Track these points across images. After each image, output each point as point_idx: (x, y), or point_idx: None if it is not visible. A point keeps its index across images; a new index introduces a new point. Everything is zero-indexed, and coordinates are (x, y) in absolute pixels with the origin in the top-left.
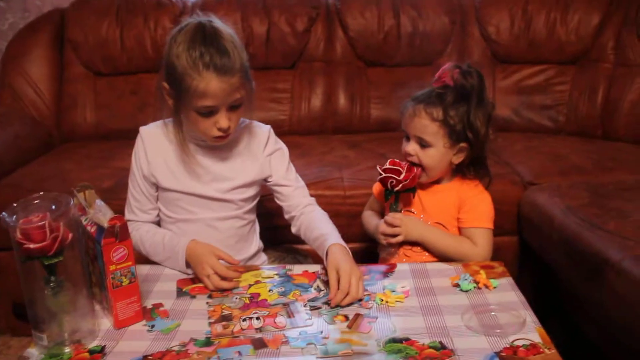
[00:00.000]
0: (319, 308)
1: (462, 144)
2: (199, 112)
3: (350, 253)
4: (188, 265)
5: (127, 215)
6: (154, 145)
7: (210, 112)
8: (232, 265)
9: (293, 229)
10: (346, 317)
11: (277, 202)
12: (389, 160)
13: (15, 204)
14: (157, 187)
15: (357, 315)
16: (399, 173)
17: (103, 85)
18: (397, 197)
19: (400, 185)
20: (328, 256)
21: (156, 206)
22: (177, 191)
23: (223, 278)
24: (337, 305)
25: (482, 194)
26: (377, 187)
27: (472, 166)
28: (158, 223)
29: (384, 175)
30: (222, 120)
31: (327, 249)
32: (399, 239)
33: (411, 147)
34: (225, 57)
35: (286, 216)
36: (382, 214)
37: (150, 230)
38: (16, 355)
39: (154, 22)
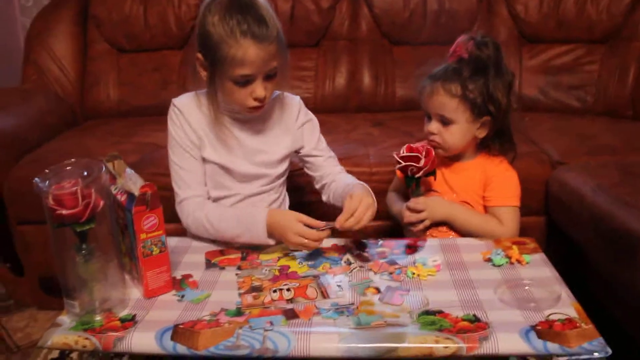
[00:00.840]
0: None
1: (485, 118)
2: (235, 81)
3: (373, 195)
4: (270, 235)
5: (182, 195)
6: (192, 115)
7: (246, 82)
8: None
9: (324, 197)
10: (378, 290)
11: (308, 172)
12: (405, 147)
13: (47, 170)
14: None
15: (389, 288)
16: (418, 160)
17: (126, 62)
18: (418, 182)
19: (422, 172)
20: (351, 192)
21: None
22: (216, 163)
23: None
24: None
25: (508, 171)
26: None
27: (497, 139)
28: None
29: (403, 164)
30: (259, 89)
31: (351, 188)
32: (426, 223)
33: (433, 126)
34: (263, 24)
35: (317, 185)
36: (406, 195)
37: (216, 207)
38: (43, 329)
39: None
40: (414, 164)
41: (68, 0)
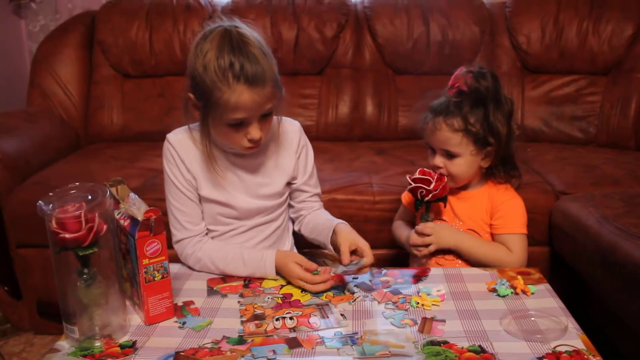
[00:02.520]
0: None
1: (489, 148)
2: (229, 124)
3: None
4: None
5: (179, 235)
6: (187, 153)
7: (241, 124)
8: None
9: (296, 227)
10: (414, 322)
11: (289, 200)
12: (418, 170)
13: (51, 194)
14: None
15: (426, 319)
16: (428, 183)
17: (131, 87)
18: (428, 207)
19: (431, 195)
20: (339, 232)
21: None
22: (215, 201)
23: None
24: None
25: (514, 198)
26: (406, 196)
27: (501, 166)
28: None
29: (413, 185)
30: (254, 131)
31: (335, 226)
32: (431, 248)
33: (438, 160)
34: (256, 66)
35: (292, 215)
36: (412, 224)
37: (218, 249)
38: (39, 354)
39: (183, 25)
40: (425, 186)
41: (74, 25)
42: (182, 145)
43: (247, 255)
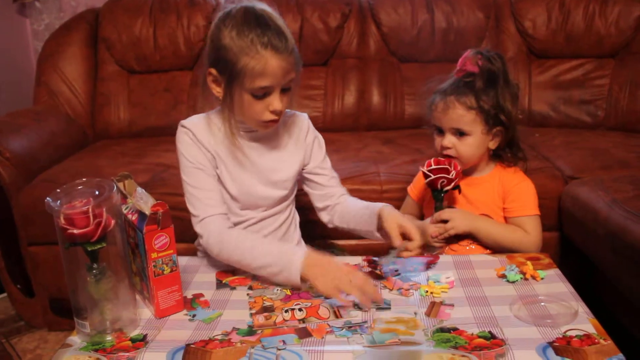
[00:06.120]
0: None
1: (497, 128)
2: (253, 94)
3: None
4: (303, 280)
5: (204, 214)
6: (204, 135)
7: (264, 94)
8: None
9: (325, 218)
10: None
11: (309, 190)
12: (432, 160)
13: (59, 190)
14: None
15: (434, 303)
16: (448, 172)
17: (136, 83)
18: (442, 197)
19: (452, 184)
20: (385, 215)
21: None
22: (227, 187)
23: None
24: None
25: (524, 181)
26: (414, 189)
27: (508, 149)
28: None
29: (433, 176)
30: (276, 102)
31: (379, 210)
32: (451, 232)
33: (447, 140)
34: (282, 36)
35: (318, 205)
36: (418, 218)
37: (245, 238)
38: (53, 350)
39: (187, 20)
40: (446, 175)
41: (78, 23)
42: (198, 128)
43: (277, 251)
